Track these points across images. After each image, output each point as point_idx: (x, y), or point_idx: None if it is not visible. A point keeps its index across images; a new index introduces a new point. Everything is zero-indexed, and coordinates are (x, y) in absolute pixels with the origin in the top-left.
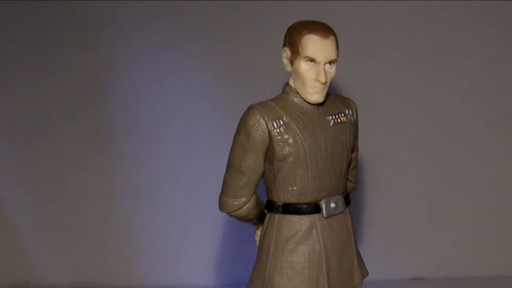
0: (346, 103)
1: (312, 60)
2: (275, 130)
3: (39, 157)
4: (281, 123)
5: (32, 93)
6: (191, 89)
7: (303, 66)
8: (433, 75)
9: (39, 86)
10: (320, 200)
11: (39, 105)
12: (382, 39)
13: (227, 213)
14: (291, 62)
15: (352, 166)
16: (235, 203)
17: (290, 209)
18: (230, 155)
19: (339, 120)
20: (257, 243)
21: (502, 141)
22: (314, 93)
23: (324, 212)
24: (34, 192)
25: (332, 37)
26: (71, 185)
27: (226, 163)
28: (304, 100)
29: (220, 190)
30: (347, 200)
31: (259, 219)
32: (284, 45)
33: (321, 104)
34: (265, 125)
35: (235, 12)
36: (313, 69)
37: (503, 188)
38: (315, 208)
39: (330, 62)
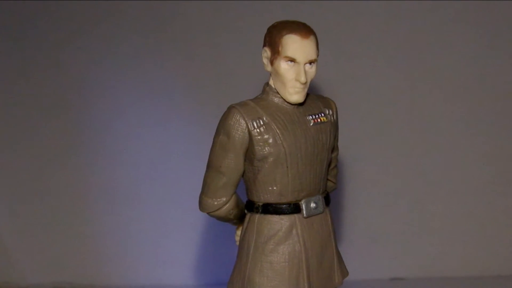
0: (326, 103)
1: (292, 60)
2: (255, 130)
3: (18, 156)
4: (261, 123)
5: (10, 92)
6: (171, 89)
7: (283, 66)
8: (414, 75)
9: (17, 85)
10: (300, 200)
11: (17, 105)
12: (362, 39)
13: (207, 213)
14: (271, 62)
15: (332, 166)
16: (215, 203)
17: (270, 209)
18: (210, 155)
19: (319, 120)
20: (237, 243)
21: (483, 141)
22: (294, 93)
23: (304, 212)
24: (12, 191)
25: (312, 37)
26: (50, 185)
27: (206, 163)
28: (284, 100)
29: (200, 190)
30: (327, 200)
31: (239, 219)
32: (264, 45)
33: (301, 104)
34: (245, 125)
35: (215, 12)
36: (293, 69)
37: (483, 189)
38: (295, 208)
39: (310, 62)
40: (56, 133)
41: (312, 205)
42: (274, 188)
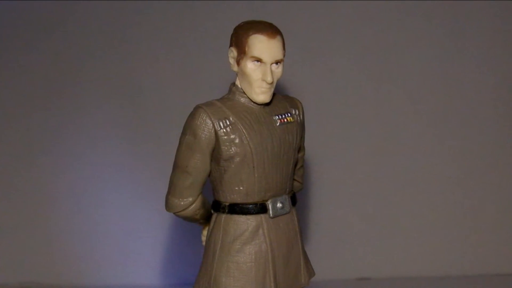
0: (293, 103)
1: (259, 60)
2: (222, 130)
3: None
4: (228, 123)
5: None
6: (137, 89)
7: (250, 66)
8: (379, 76)
9: None
10: (267, 200)
11: None
12: (328, 39)
13: (174, 213)
14: (238, 62)
15: (298, 166)
16: (182, 203)
17: (236, 209)
18: (176, 155)
19: (285, 120)
20: (204, 243)
21: (449, 141)
22: (260, 93)
23: (271, 212)
24: None
25: (278, 37)
26: (17, 184)
27: (172, 163)
28: (251, 100)
29: (166, 190)
30: (293, 200)
31: (206, 219)
32: (231, 45)
33: (267, 104)
34: (211, 125)
35: (180, 12)
36: (260, 69)
37: (448, 188)
38: (261, 208)
39: (277, 62)
40: (22, 133)
41: (279, 205)
42: (241, 188)
